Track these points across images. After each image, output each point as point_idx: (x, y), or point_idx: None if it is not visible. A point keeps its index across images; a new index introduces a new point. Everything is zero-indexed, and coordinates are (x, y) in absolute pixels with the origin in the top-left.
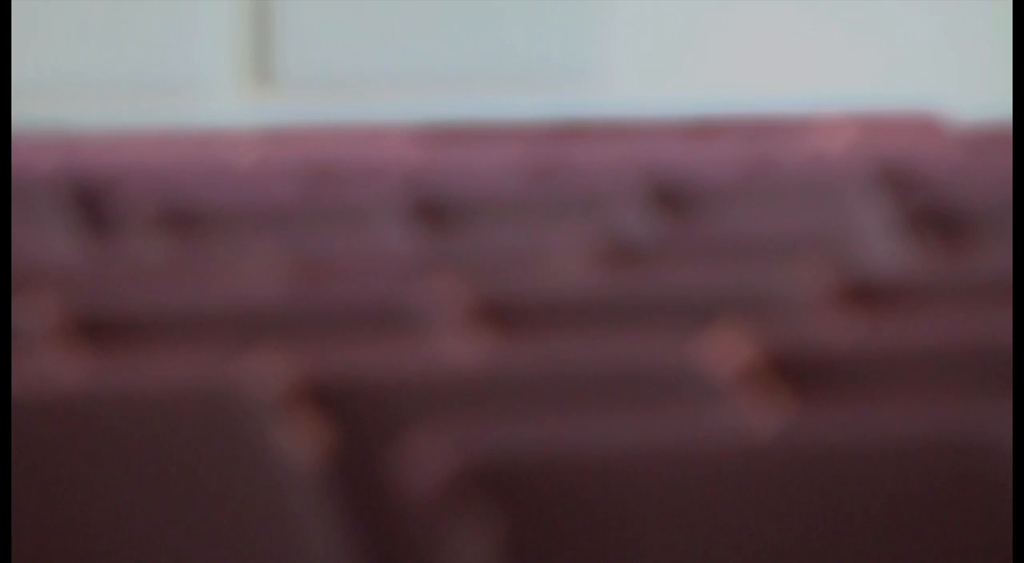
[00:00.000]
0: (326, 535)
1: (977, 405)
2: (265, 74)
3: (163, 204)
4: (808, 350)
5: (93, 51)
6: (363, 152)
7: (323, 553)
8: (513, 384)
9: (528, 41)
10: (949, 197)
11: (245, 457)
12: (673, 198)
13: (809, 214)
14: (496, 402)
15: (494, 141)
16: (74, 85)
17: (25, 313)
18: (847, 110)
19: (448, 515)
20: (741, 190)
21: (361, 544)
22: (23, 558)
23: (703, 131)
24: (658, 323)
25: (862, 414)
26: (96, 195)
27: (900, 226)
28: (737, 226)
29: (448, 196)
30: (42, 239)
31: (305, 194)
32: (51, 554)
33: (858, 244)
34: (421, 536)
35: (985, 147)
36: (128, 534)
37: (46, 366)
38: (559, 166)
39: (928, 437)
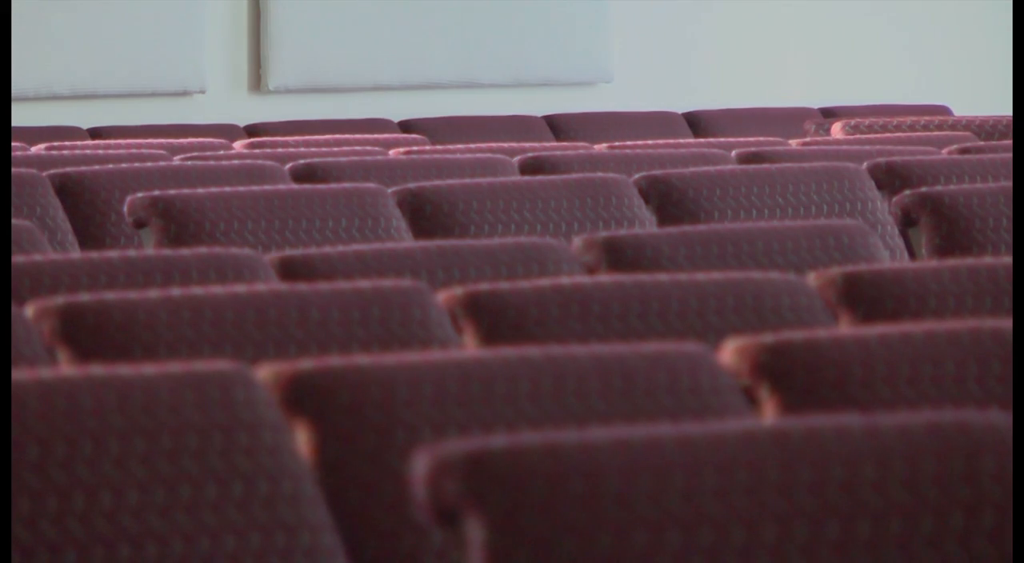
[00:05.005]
0: (323, 533)
1: (977, 405)
2: (259, 82)
3: (161, 203)
4: (808, 349)
5: (108, 62)
6: (355, 153)
7: (320, 551)
8: (510, 384)
9: (524, 48)
10: (951, 195)
11: (242, 456)
12: (673, 197)
13: (809, 213)
14: (493, 402)
15: (490, 140)
16: (92, 92)
17: (22, 312)
18: (850, 109)
19: (447, 514)
20: (741, 188)
21: (358, 543)
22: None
23: (703, 129)
24: (657, 323)
25: (861, 414)
26: (95, 194)
27: (900, 224)
28: (737, 225)
29: (443, 196)
30: (40, 238)
31: (300, 192)
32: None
33: (860, 243)
34: (419, 535)
35: (986, 148)
36: (123, 536)
37: (42, 365)
38: (557, 166)
39: (928, 437)
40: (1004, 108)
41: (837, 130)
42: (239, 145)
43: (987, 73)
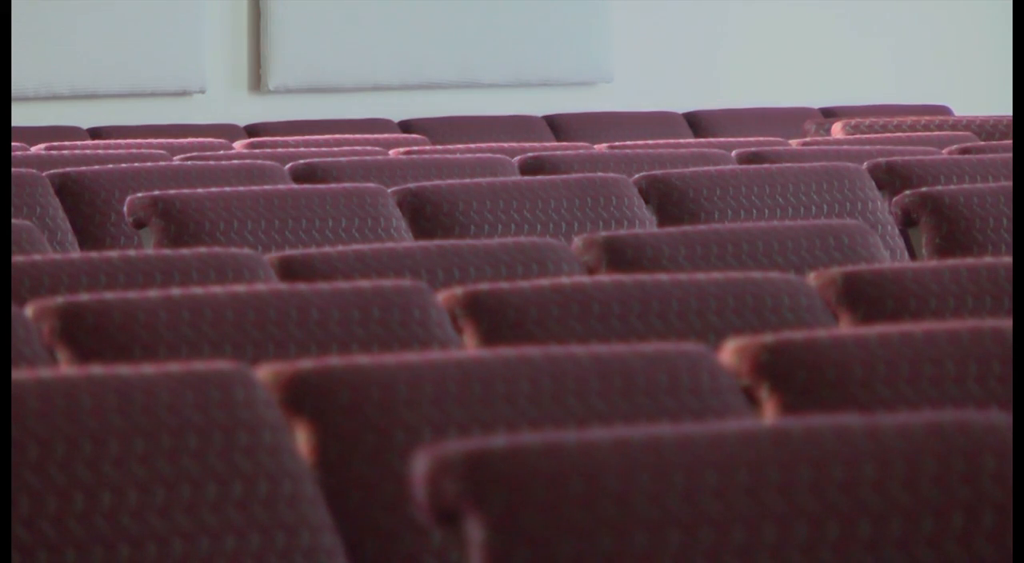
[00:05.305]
0: (323, 533)
1: (977, 405)
2: (259, 82)
3: (161, 203)
4: (808, 349)
5: (108, 62)
6: (355, 153)
7: (320, 551)
8: (510, 384)
9: (524, 48)
10: (951, 195)
11: (242, 456)
12: (673, 197)
13: (809, 213)
14: (493, 402)
15: (490, 140)
16: (92, 92)
17: (22, 312)
18: (850, 109)
19: (447, 514)
20: (741, 188)
21: (358, 543)
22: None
23: (703, 129)
24: (657, 323)
25: (861, 414)
26: (95, 194)
27: (901, 224)
28: (737, 225)
29: (443, 196)
30: (40, 238)
31: (300, 192)
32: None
33: (860, 243)
34: (419, 535)
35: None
36: (123, 536)
37: (42, 365)
38: (557, 166)
39: (928, 437)
40: (1004, 108)
41: (837, 130)
42: (239, 145)
43: (987, 73)
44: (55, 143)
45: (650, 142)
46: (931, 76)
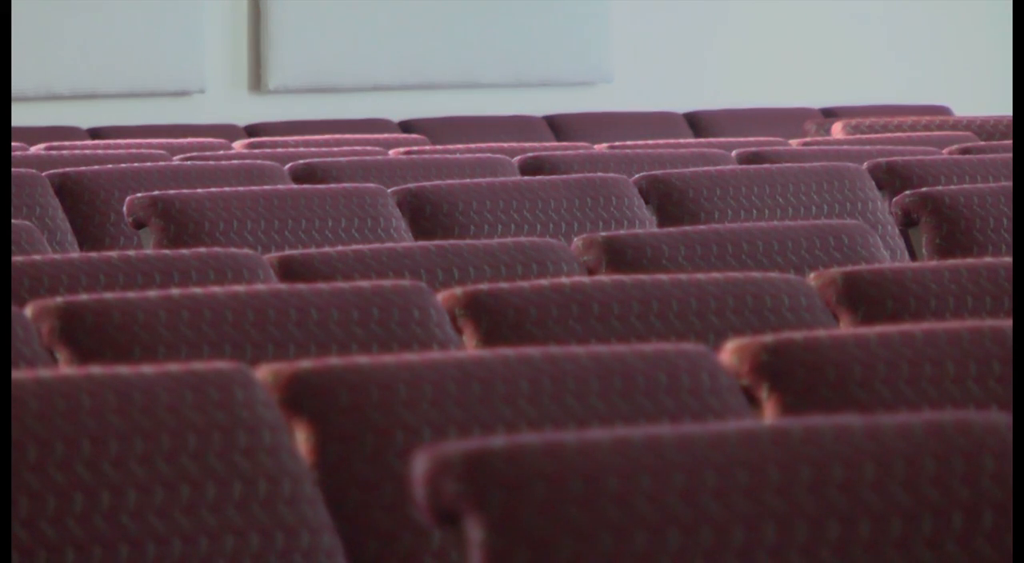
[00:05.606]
0: (323, 533)
1: (977, 405)
2: (259, 82)
3: (161, 203)
4: (808, 349)
5: (108, 62)
6: (355, 153)
7: (320, 551)
8: (510, 384)
9: (524, 48)
10: (951, 195)
11: (242, 456)
12: (673, 197)
13: (809, 213)
14: (493, 402)
15: (490, 140)
16: (92, 92)
17: (22, 312)
18: (850, 109)
19: (446, 514)
20: (741, 188)
21: (358, 543)
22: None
23: (703, 129)
24: (657, 323)
25: (861, 414)
26: (95, 194)
27: (901, 224)
28: (737, 225)
29: (443, 196)
30: (40, 238)
31: (300, 192)
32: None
33: (860, 243)
34: (419, 535)
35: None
36: (123, 536)
37: (42, 365)
38: (557, 166)
39: (928, 437)
40: (1004, 108)
41: (837, 130)
42: (239, 145)
43: (987, 73)
44: (55, 143)
45: (650, 142)
46: (931, 76)
